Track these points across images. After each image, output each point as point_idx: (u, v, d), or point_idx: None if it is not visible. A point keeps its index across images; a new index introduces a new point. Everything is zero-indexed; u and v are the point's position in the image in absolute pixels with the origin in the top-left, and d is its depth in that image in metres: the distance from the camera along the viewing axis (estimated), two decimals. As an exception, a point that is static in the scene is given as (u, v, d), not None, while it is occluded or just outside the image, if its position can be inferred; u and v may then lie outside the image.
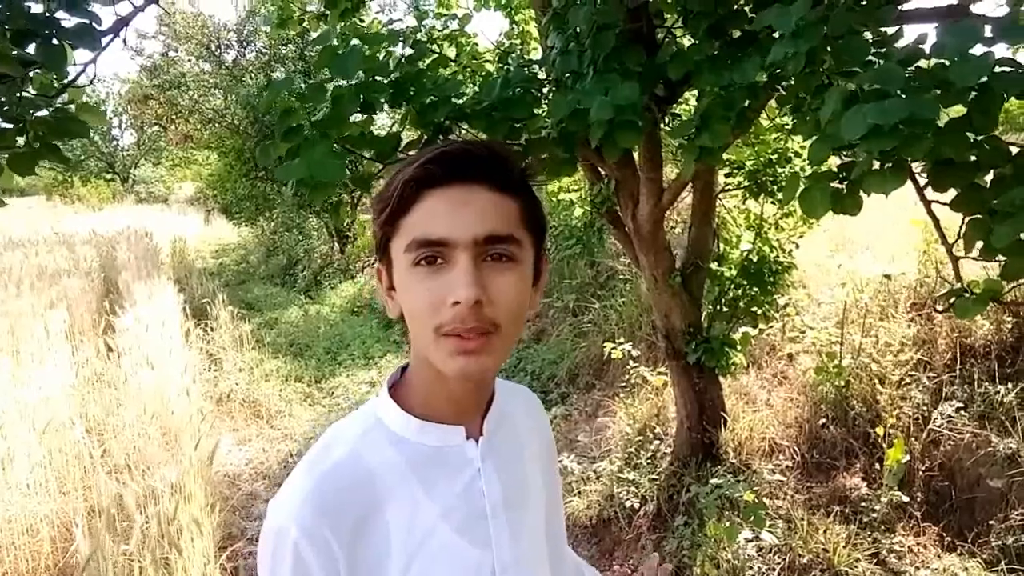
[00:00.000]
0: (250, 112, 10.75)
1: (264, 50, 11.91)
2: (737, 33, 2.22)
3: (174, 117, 12.75)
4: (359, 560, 0.78)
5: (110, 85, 26.19)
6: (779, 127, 3.47)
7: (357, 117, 2.34)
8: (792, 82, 1.94)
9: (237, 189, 12.69)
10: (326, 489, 0.78)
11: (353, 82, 2.10)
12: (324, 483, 0.78)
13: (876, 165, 1.59)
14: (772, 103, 2.63)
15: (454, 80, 2.40)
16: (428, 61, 2.68)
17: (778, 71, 1.95)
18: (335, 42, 2.34)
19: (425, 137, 2.44)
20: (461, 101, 2.37)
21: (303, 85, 2.27)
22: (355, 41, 2.20)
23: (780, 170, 3.49)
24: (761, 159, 3.53)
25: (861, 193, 1.73)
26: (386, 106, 2.30)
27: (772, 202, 3.67)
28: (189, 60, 12.46)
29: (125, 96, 17.80)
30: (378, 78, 2.20)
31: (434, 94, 2.30)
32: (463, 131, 2.39)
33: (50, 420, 3.96)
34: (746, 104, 2.02)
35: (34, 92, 2.03)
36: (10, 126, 1.84)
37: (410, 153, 2.36)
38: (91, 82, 2.12)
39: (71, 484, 3.85)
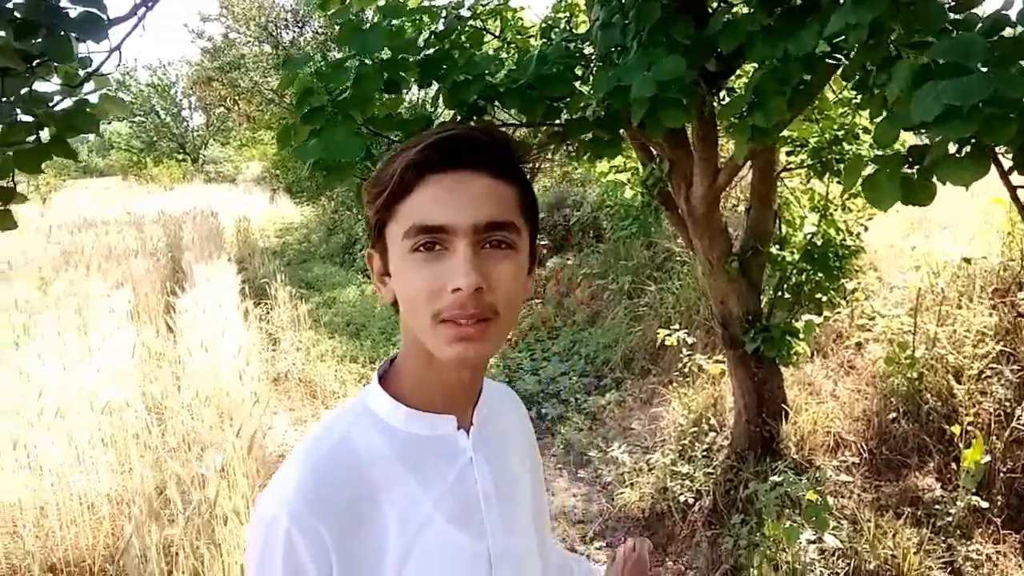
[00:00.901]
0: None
1: (320, 30, 11.95)
2: (797, 1, 2.01)
3: (236, 98, 12.95)
4: (353, 551, 0.76)
5: (179, 68, 26.95)
6: (846, 101, 3.20)
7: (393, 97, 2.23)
8: (855, 54, 1.72)
9: (299, 169, 12.80)
10: (317, 479, 0.77)
11: (378, 59, 1.98)
12: (315, 473, 0.78)
13: (953, 150, 1.38)
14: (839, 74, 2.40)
15: (487, 56, 2.25)
16: (465, 36, 2.54)
17: (839, 41, 1.75)
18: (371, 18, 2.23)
19: (458, 118, 2.32)
20: (495, 79, 2.22)
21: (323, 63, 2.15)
22: (376, 16, 2.07)
23: (847, 148, 3.24)
24: (826, 136, 3.27)
25: (935, 180, 1.53)
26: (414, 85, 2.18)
27: (838, 182, 3.41)
28: (248, 42, 12.59)
29: (190, 78, 18.19)
30: (405, 56, 2.08)
31: (466, 72, 2.16)
32: (497, 110, 2.25)
33: (108, 401, 4.04)
34: (804, 78, 1.81)
35: (59, 83, 1.98)
36: (28, 119, 1.79)
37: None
38: (116, 69, 2.06)
39: (128, 464, 3.92)
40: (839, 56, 1.86)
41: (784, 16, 1.94)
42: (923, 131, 1.59)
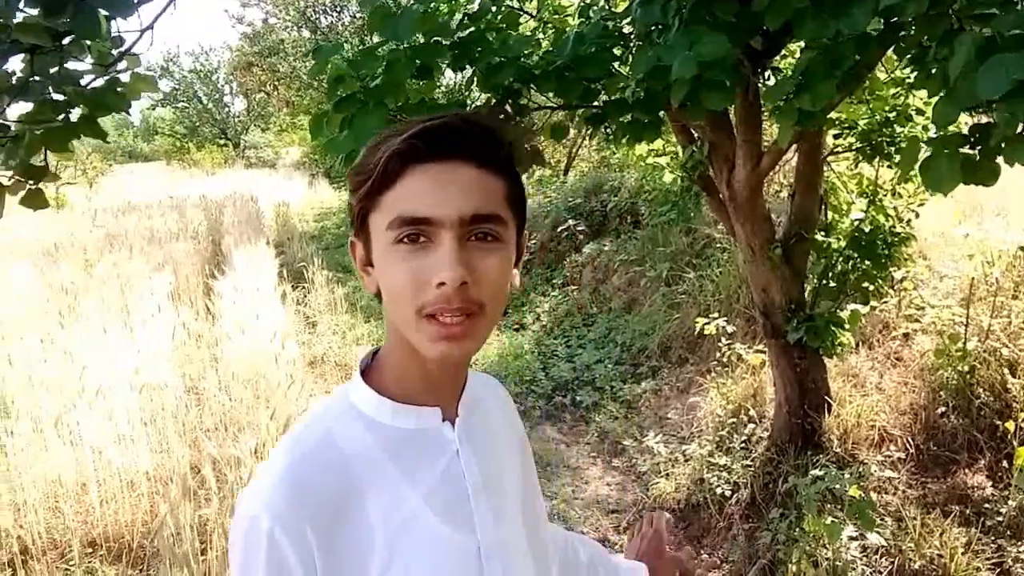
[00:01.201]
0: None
1: (359, 15, 11.93)
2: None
3: (276, 83, 13.03)
4: (339, 550, 0.74)
5: (220, 54, 27.25)
6: (898, 80, 3.06)
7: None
8: (913, 29, 1.62)
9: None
10: (299, 476, 0.75)
11: (409, 45, 1.93)
12: (297, 470, 0.76)
13: (1020, 128, 1.28)
14: (891, 52, 2.28)
15: (522, 38, 2.18)
16: (500, 16, 2.48)
17: (895, 18, 1.64)
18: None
19: (493, 101, 2.26)
20: (531, 61, 2.16)
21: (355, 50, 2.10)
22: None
23: (899, 130, 3.10)
24: (877, 117, 3.14)
25: (1000, 160, 1.43)
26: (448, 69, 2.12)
27: (888, 166, 3.27)
28: (287, 27, 12.64)
29: (231, 64, 18.36)
30: (439, 39, 2.02)
31: (501, 54, 2.10)
32: (533, 93, 2.19)
33: (146, 382, 4.09)
34: (855, 59, 1.71)
35: (92, 62, 1.97)
36: (60, 98, 1.78)
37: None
38: (149, 49, 2.04)
39: (166, 443, 3.97)
40: (895, 34, 1.74)
41: (836, -10, 1.84)
42: (984, 109, 1.49)
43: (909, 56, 1.77)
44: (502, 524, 0.86)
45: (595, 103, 2.25)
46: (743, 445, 3.83)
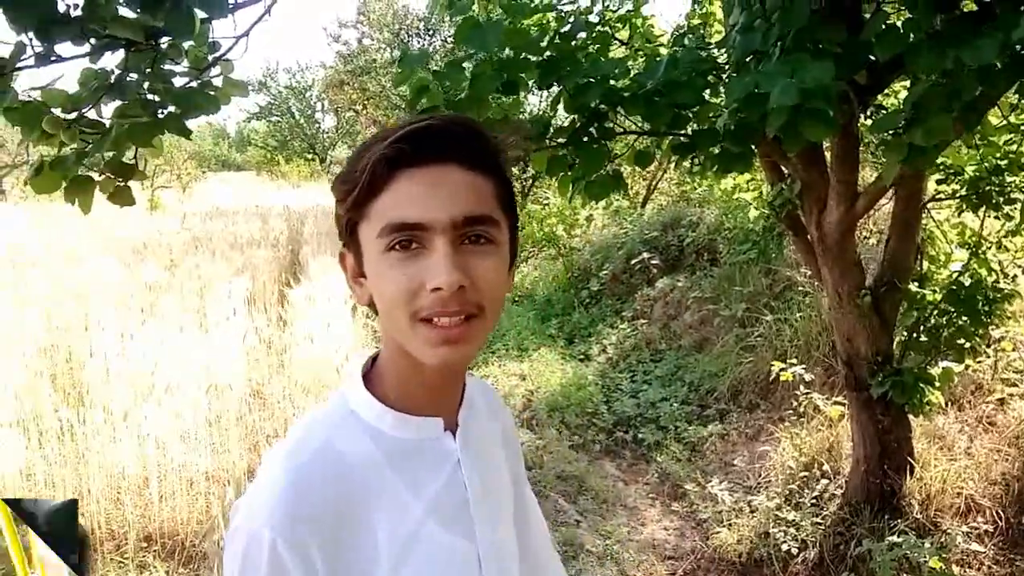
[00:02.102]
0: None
1: (449, 40, 12.19)
2: (971, 6, 1.78)
3: (365, 102, 13.39)
4: (343, 561, 0.73)
5: (315, 72, 28.21)
6: (1013, 127, 2.86)
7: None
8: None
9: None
10: (301, 486, 0.73)
11: (496, 59, 1.90)
12: (299, 480, 0.74)
13: None
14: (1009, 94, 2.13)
15: (612, 60, 2.12)
16: (591, 40, 2.43)
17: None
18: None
19: (578, 124, 2.20)
20: (620, 84, 2.09)
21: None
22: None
23: (1010, 179, 2.89)
24: (986, 164, 2.94)
25: None
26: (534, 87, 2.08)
27: (996, 216, 3.06)
28: (380, 48, 12.99)
29: (324, 81, 18.97)
30: (527, 56, 1.98)
31: (590, 74, 2.04)
32: (620, 117, 2.12)
33: (213, 383, 4.16)
34: (976, 93, 1.58)
35: (187, 65, 2.01)
36: (154, 97, 1.81)
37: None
38: (242, 56, 2.08)
39: (227, 444, 4.02)
40: (1021, 66, 1.61)
41: (953, 22, 1.72)
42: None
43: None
44: (497, 529, 0.86)
45: (684, 131, 2.17)
46: (814, 501, 3.61)
